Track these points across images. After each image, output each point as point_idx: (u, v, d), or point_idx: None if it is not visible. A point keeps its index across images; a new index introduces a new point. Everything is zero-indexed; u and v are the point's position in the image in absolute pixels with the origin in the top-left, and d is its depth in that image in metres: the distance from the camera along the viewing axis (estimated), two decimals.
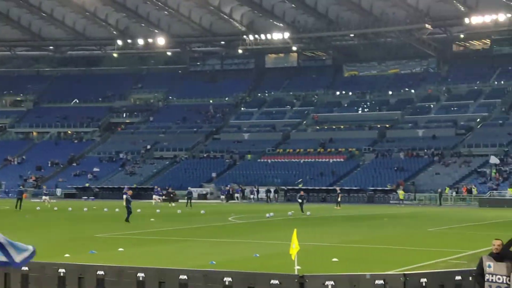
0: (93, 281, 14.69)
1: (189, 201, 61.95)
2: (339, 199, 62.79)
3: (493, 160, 78.45)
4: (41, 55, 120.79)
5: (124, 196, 39.97)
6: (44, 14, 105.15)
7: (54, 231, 33.36)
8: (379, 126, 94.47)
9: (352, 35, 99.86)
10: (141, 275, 14.37)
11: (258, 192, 78.76)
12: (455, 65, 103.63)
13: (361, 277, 13.55)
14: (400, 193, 71.87)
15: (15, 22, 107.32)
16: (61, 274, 14.97)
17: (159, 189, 73.44)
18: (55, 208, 55.43)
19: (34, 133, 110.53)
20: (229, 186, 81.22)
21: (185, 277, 14.08)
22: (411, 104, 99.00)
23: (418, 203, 72.78)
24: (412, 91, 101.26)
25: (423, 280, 13.55)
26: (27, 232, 32.57)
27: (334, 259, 21.20)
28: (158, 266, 15.69)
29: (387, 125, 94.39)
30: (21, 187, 60.87)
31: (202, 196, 79.49)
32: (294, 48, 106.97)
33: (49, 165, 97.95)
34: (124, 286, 14.41)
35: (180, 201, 68.98)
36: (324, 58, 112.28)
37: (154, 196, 67.73)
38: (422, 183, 78.71)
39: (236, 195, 77.62)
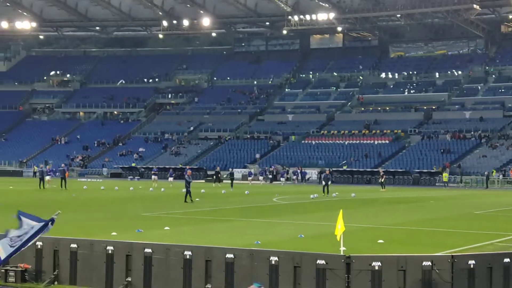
0: (140, 259, 14.83)
1: (231, 182, 62.22)
2: (382, 180, 62.25)
3: None
4: (88, 36, 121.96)
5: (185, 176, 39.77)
6: None
7: (101, 210, 33.76)
8: (425, 107, 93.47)
9: (398, 15, 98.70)
10: (188, 253, 14.46)
11: (302, 173, 78.67)
12: (504, 46, 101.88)
13: (408, 258, 13.44)
14: (444, 175, 71.07)
15: (62, 3, 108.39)
16: (109, 252, 15.15)
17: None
18: (102, 188, 56.09)
19: (81, 113, 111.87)
20: (273, 167, 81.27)
21: (231, 255, 14.13)
22: (458, 85, 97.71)
23: (464, 186, 71.96)
24: (459, 72, 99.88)
25: (471, 262, 13.40)
26: (74, 211, 33.04)
27: (380, 241, 21.07)
28: (204, 245, 15.77)
29: (434, 107, 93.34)
30: (63, 165, 61.65)
31: (246, 177, 79.57)
32: (339, 29, 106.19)
33: (96, 145, 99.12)
34: (171, 264, 14.53)
35: (224, 181, 69.23)
36: (369, 38, 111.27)
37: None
38: (469, 165, 77.77)
39: (282, 178, 77.06)
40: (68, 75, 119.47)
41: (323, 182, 50.81)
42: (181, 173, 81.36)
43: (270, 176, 77.82)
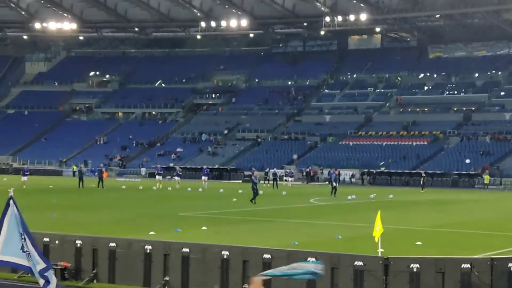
0: (178, 258, 14.92)
1: (274, 182, 62.33)
2: (421, 182, 61.92)
3: None
4: (127, 37, 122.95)
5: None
6: None
7: (139, 209, 34.01)
8: (464, 109, 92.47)
9: (437, 15, 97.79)
10: (225, 253, 14.51)
11: (339, 174, 78.27)
12: None
13: (447, 260, 13.32)
14: (486, 177, 70.28)
15: (102, 4, 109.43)
16: (147, 251, 15.26)
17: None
18: (140, 187, 56.52)
19: (120, 113, 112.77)
20: (310, 168, 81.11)
21: (268, 256, 14.13)
22: (498, 87, 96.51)
23: (504, 188, 71.05)
24: (499, 73, 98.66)
25: (511, 265, 13.23)
26: (113, 210, 33.36)
27: (418, 243, 20.92)
28: (241, 245, 15.80)
29: (473, 108, 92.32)
30: (101, 165, 62.35)
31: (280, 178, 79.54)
32: (378, 29, 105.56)
33: (134, 145, 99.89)
34: (209, 263, 14.59)
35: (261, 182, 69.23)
36: (408, 39, 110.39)
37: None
38: (509, 167, 76.74)
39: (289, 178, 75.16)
40: (107, 76, 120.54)
41: (334, 184, 47.54)
42: (218, 173, 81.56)
43: (291, 179, 76.90)
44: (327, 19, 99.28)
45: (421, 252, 18.31)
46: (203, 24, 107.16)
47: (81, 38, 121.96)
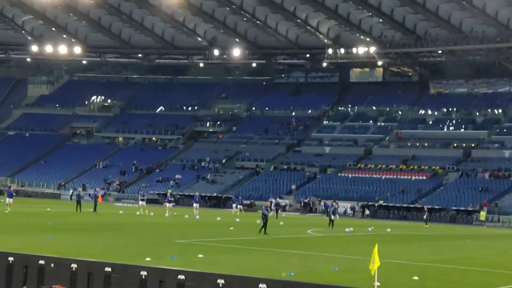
0: (173, 285, 14.86)
1: (276, 212, 62.13)
2: (425, 217, 61.93)
3: None
4: (130, 62, 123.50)
5: (263, 207, 39.07)
6: (134, 23, 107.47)
7: (136, 235, 33.92)
8: (464, 145, 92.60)
9: (440, 51, 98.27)
10: (221, 281, 14.46)
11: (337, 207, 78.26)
12: None
13: None
14: (482, 214, 70.21)
15: (106, 30, 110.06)
16: (143, 277, 15.21)
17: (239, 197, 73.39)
18: (138, 213, 56.38)
19: (120, 138, 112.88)
20: (308, 199, 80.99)
21: (264, 286, 14.08)
22: (499, 124, 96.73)
23: (502, 225, 70.91)
24: (500, 110, 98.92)
25: None
26: (109, 234, 33.26)
27: (415, 277, 20.83)
28: (237, 274, 15.74)
29: (473, 145, 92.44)
30: (97, 189, 62.24)
31: (281, 208, 79.47)
32: (380, 63, 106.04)
33: (133, 170, 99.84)
34: None
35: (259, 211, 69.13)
36: (410, 74, 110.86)
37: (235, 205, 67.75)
38: (507, 204, 76.66)
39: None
40: (109, 100, 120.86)
41: (332, 216, 47.28)
42: (216, 201, 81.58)
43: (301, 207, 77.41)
44: (330, 51, 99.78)
45: (417, 286, 18.23)
46: (206, 52, 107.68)
47: (84, 62, 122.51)
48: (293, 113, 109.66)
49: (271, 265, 23.20)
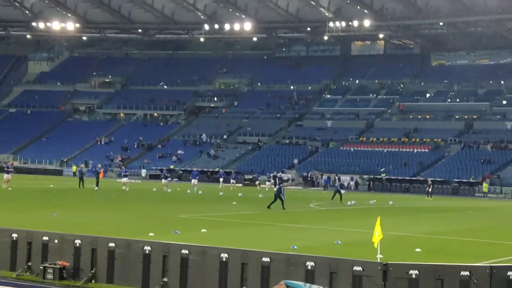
0: (177, 260, 14.89)
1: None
2: (429, 190, 62.12)
3: None
4: (130, 38, 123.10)
5: (278, 187, 38.71)
6: None
7: (139, 210, 34.00)
8: (466, 117, 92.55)
9: (441, 23, 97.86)
10: (224, 255, 14.49)
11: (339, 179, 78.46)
12: None
13: (446, 268, 13.30)
14: (484, 185, 70.30)
15: (106, 5, 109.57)
16: (147, 252, 15.24)
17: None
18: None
19: (122, 115, 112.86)
20: (310, 173, 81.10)
21: (267, 259, 14.11)
22: (500, 95, 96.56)
23: (504, 197, 71.03)
24: (502, 82, 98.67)
25: (510, 273, 13.20)
26: (113, 210, 33.35)
27: (417, 250, 20.90)
28: (240, 248, 15.78)
29: (475, 116, 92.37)
30: (98, 166, 62.25)
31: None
32: (381, 36, 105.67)
33: (135, 146, 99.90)
34: (208, 265, 14.57)
35: (262, 185, 69.24)
36: (411, 46, 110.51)
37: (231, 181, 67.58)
38: (509, 176, 76.75)
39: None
40: (110, 77, 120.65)
41: (341, 191, 48.46)
42: (218, 176, 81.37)
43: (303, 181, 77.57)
44: (331, 24, 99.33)
45: (420, 258, 18.30)
46: (206, 27, 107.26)
47: (84, 38, 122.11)
48: (295, 87, 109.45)
49: (274, 238, 23.27)
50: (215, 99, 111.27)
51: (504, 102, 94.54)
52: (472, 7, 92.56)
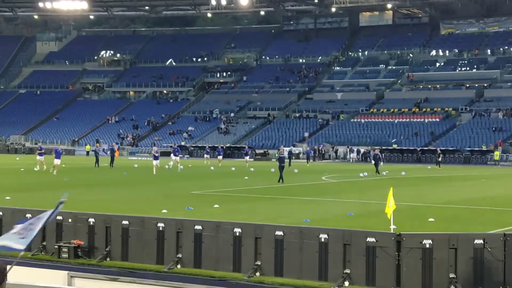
0: (191, 236, 14.97)
1: (289, 160, 62.03)
2: (439, 159, 62.08)
3: None
4: (137, 15, 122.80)
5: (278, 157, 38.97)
6: None
7: (152, 187, 34.11)
8: (476, 85, 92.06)
9: None
10: (237, 230, 14.55)
11: (352, 152, 78.51)
12: None
13: (460, 236, 13.30)
14: (496, 153, 70.06)
15: None
16: (160, 228, 15.32)
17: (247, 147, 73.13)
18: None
19: (131, 92, 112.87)
20: (322, 145, 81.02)
21: (281, 233, 14.17)
22: (511, 63, 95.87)
23: None
24: None
25: None
26: (126, 188, 33.47)
27: (431, 219, 20.89)
28: (254, 222, 15.82)
29: (485, 85, 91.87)
30: (113, 144, 62.47)
31: (295, 156, 79.50)
32: (389, 6, 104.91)
33: (146, 123, 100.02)
34: (222, 240, 14.64)
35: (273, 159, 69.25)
36: (420, 15, 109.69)
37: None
38: None
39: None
40: (118, 55, 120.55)
41: (373, 162, 50.49)
42: (230, 151, 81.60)
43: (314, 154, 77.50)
44: None
45: (433, 228, 18.29)
46: (213, 2, 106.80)
47: (91, 17, 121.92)
48: (304, 60, 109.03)
49: (287, 212, 23.32)
50: (224, 74, 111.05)
51: None
52: None
